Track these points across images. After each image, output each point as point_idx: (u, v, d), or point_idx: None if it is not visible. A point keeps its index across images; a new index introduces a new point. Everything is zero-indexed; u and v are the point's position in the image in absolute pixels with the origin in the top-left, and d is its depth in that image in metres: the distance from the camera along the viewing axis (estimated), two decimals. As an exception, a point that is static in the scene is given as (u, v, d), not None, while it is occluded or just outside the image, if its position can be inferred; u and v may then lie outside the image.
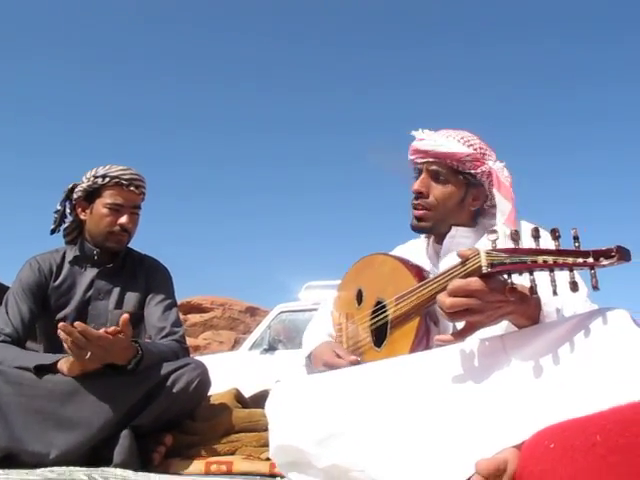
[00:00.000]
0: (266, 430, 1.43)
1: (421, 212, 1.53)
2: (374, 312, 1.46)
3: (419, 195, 1.52)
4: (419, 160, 1.54)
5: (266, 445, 1.51)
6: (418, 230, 1.56)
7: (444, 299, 1.08)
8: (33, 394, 1.71)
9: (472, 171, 1.49)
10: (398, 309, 1.34)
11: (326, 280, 6.85)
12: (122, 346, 1.69)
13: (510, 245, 1.05)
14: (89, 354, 1.63)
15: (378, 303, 1.46)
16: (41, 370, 1.75)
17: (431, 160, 1.51)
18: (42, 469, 1.51)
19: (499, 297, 1.07)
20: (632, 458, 0.72)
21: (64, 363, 1.75)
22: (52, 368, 1.76)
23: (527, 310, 1.14)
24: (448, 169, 1.50)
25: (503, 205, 1.46)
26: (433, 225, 1.53)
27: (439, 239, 1.57)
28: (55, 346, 1.87)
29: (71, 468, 1.52)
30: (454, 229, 1.53)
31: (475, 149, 1.50)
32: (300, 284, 7.31)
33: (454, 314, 1.08)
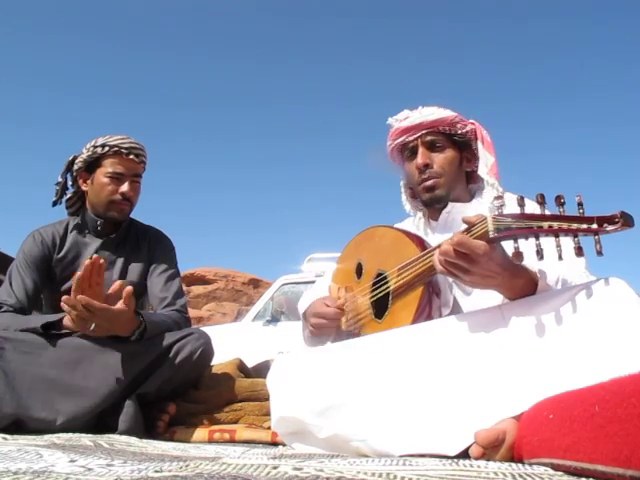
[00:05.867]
0: (268, 399, 1.46)
1: (432, 181, 1.55)
2: (375, 284, 1.46)
3: (425, 167, 1.54)
4: (410, 137, 1.57)
5: (268, 414, 1.53)
6: (434, 201, 1.56)
7: (445, 244, 1.10)
8: (40, 362, 1.73)
9: (461, 131, 1.56)
10: (400, 279, 1.34)
11: (329, 252, 6.85)
12: (125, 318, 1.71)
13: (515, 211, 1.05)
14: (93, 325, 1.65)
15: (379, 275, 1.46)
16: (48, 328, 1.77)
17: (425, 132, 1.55)
18: (49, 435, 1.54)
19: (494, 268, 1.08)
20: (630, 428, 0.72)
21: (69, 320, 1.77)
22: (58, 325, 1.78)
23: (514, 287, 1.15)
24: (442, 135, 1.56)
25: (486, 157, 1.53)
26: (447, 192, 1.55)
27: (435, 215, 1.58)
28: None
29: (77, 435, 1.54)
30: (450, 205, 1.55)
31: (456, 112, 1.57)
32: (303, 256, 7.32)
33: (445, 262, 1.11)
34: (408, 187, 1.71)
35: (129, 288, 1.68)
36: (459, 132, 1.56)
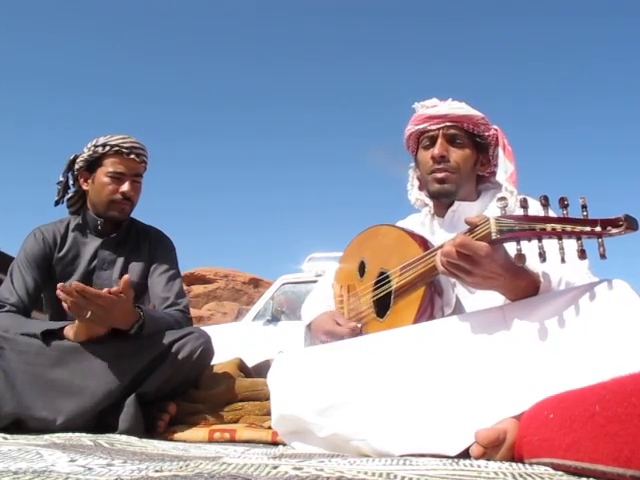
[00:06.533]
0: (268, 399, 1.45)
1: (445, 174, 1.53)
2: (377, 283, 1.46)
3: (441, 159, 1.53)
4: (433, 126, 1.54)
5: (268, 414, 1.53)
6: (442, 194, 1.55)
7: (447, 245, 1.10)
8: (40, 362, 1.73)
9: (484, 134, 1.55)
10: (403, 278, 1.34)
11: (329, 252, 6.86)
12: (123, 308, 1.70)
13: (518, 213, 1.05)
14: (89, 313, 1.64)
15: (381, 274, 1.46)
16: (48, 336, 1.77)
17: (449, 124, 1.53)
18: (49, 435, 1.54)
19: (496, 269, 1.08)
20: (630, 427, 0.72)
21: (70, 329, 1.77)
22: (59, 334, 1.78)
23: (515, 289, 1.15)
24: (464, 132, 1.54)
25: (507, 165, 1.51)
26: (456, 188, 1.54)
27: (441, 212, 1.58)
28: (61, 315, 1.88)
29: (77, 434, 1.54)
30: (456, 203, 1.54)
31: (483, 113, 1.54)
32: (303, 256, 7.32)
33: (447, 263, 1.11)
34: (417, 178, 1.69)
35: (126, 276, 1.69)
36: (481, 134, 1.55)
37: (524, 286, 1.15)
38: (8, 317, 1.89)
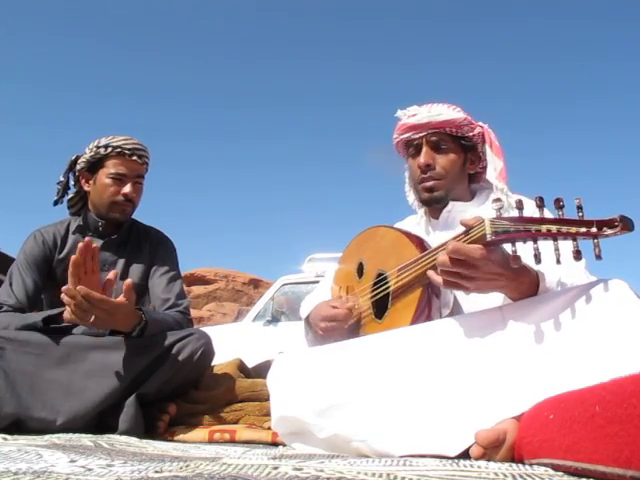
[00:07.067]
0: (268, 400, 1.46)
1: (432, 182, 1.54)
2: (375, 284, 1.46)
3: (427, 168, 1.53)
4: (416, 136, 1.55)
5: (268, 414, 1.53)
6: (433, 201, 1.56)
7: (441, 255, 1.09)
8: (40, 362, 1.73)
9: (468, 134, 1.54)
10: (400, 280, 1.35)
11: (329, 252, 6.86)
12: (125, 312, 1.71)
13: (513, 214, 1.05)
14: (93, 317, 1.64)
15: (379, 275, 1.46)
16: (48, 323, 1.77)
17: (431, 131, 1.53)
18: (49, 435, 1.54)
19: (496, 269, 1.08)
20: (630, 428, 0.73)
21: (69, 313, 1.77)
22: (58, 319, 1.78)
23: (519, 287, 1.15)
24: (447, 137, 1.54)
25: (495, 162, 1.51)
26: (446, 193, 1.55)
27: (436, 214, 1.58)
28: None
29: (77, 435, 1.54)
30: (451, 204, 1.54)
31: (466, 113, 1.55)
32: (303, 256, 7.32)
33: (445, 273, 1.10)
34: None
35: (128, 281, 1.69)
36: (466, 135, 1.54)
37: (527, 283, 1.15)
38: (7, 315, 1.89)
